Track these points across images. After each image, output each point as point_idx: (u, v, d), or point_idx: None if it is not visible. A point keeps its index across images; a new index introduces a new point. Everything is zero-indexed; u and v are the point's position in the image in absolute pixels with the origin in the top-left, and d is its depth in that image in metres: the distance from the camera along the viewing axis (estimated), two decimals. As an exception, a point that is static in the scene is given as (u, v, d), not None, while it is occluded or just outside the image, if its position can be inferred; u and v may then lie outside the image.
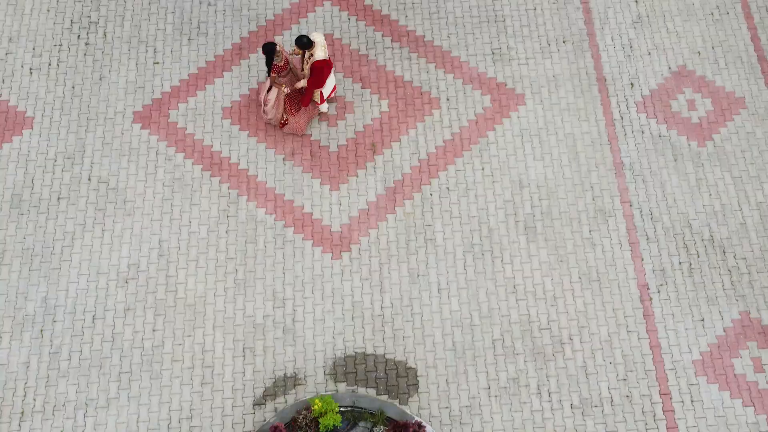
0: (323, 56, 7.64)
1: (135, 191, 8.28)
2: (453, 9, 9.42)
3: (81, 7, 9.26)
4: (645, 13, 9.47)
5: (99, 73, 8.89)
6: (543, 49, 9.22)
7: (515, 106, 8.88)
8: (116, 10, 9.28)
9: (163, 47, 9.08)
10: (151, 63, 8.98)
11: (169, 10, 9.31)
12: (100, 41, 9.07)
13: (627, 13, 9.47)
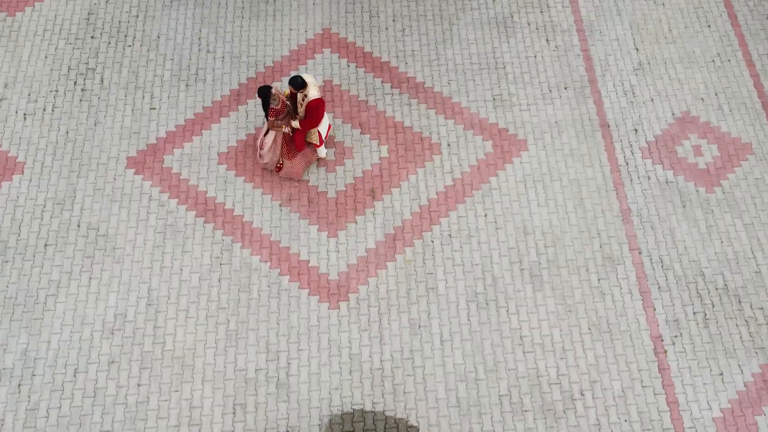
0: (317, 95, 7.51)
1: (125, 238, 7.99)
2: (453, 56, 9.38)
3: (79, 54, 9.22)
4: (646, 60, 9.42)
5: (94, 118, 8.74)
6: (544, 95, 9.12)
7: (517, 151, 8.70)
8: (115, 56, 9.23)
9: (160, 93, 8.97)
10: (147, 108, 8.85)
11: (167, 56, 9.26)
12: (96, 87, 8.97)
13: (628, 61, 9.42)
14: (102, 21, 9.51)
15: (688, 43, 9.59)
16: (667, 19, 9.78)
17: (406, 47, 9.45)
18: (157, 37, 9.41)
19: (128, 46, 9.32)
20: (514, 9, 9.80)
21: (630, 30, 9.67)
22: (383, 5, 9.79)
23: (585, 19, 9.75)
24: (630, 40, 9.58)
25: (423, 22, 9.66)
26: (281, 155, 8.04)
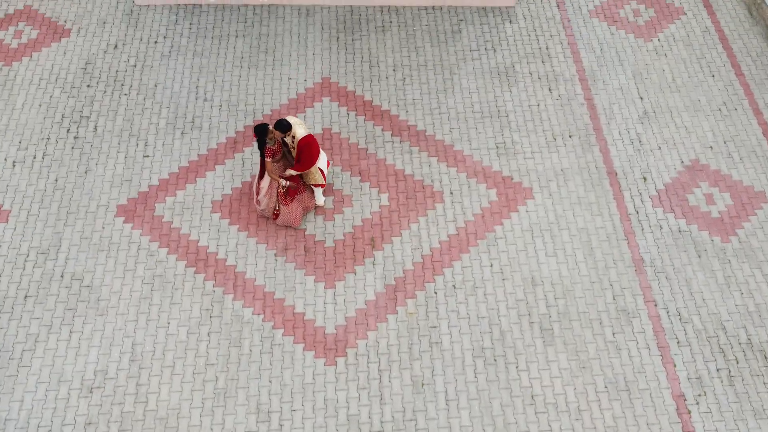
0: (305, 132, 7.24)
1: (110, 289, 7.54)
2: (454, 104, 9.21)
3: (74, 103, 9.05)
4: (651, 108, 9.25)
5: (85, 165, 8.48)
6: (549, 143, 8.89)
7: (523, 200, 8.38)
8: (110, 105, 9.06)
9: (154, 141, 8.75)
10: (140, 156, 8.60)
11: (164, 105, 9.09)
12: (90, 135, 8.76)
13: (633, 109, 9.25)
14: (99, 71, 9.41)
15: (693, 92, 9.45)
16: (670, 69, 9.69)
17: (406, 96, 9.31)
18: (154, 86, 9.28)
19: (124, 95, 9.17)
20: (515, 59, 9.73)
21: (633, 79, 9.56)
22: (383, 55, 9.72)
23: (587, 69, 9.66)
24: (634, 89, 9.45)
25: (423, 71, 9.56)
26: (278, 201, 7.71)
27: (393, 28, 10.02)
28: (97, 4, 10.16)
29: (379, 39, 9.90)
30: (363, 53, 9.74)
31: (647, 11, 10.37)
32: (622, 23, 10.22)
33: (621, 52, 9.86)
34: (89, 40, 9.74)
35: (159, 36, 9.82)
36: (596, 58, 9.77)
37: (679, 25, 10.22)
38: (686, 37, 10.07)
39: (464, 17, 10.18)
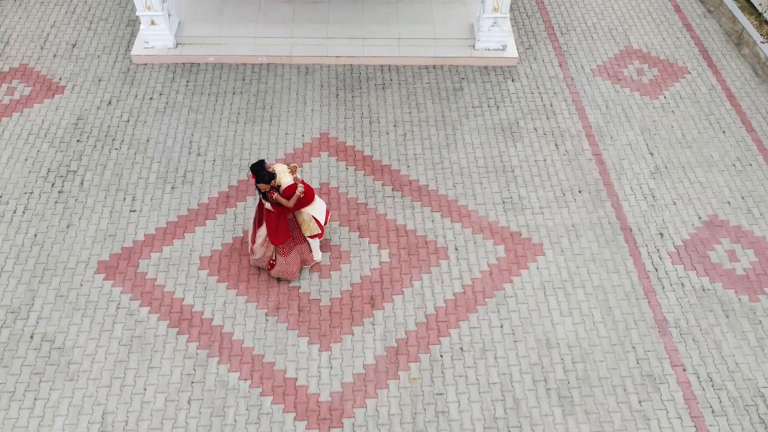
0: (291, 180, 6.73)
1: (83, 351, 6.86)
2: (458, 159, 8.86)
3: (62, 157, 8.70)
4: (662, 164, 8.89)
5: (68, 220, 7.99)
6: (558, 199, 8.45)
7: (533, 256, 7.83)
8: (99, 159, 8.70)
9: (142, 195, 8.31)
10: (126, 211, 8.13)
11: (155, 159, 8.73)
12: (75, 189, 8.33)
13: (643, 165, 8.88)
14: (91, 126, 9.12)
15: (705, 148, 9.12)
16: (679, 126, 9.41)
17: (407, 151, 8.97)
18: (146, 140, 8.96)
19: (114, 149, 8.83)
20: (519, 116, 9.47)
21: (641, 135, 9.26)
22: (383, 111, 9.47)
23: (593, 125, 9.38)
24: (643, 145, 9.12)
25: (425, 127, 9.27)
26: (276, 251, 7.17)
27: (393, 86, 9.84)
28: (93, 63, 10.03)
29: (380, 96, 9.69)
30: (363, 109, 9.50)
31: (651, 70, 10.24)
32: (626, 81, 10.05)
33: (627, 109, 9.62)
34: (83, 96, 9.52)
35: (155, 93, 9.61)
36: (602, 115, 9.52)
37: (684, 83, 10.05)
38: (692, 95, 9.87)
39: (465, 75, 10.03)
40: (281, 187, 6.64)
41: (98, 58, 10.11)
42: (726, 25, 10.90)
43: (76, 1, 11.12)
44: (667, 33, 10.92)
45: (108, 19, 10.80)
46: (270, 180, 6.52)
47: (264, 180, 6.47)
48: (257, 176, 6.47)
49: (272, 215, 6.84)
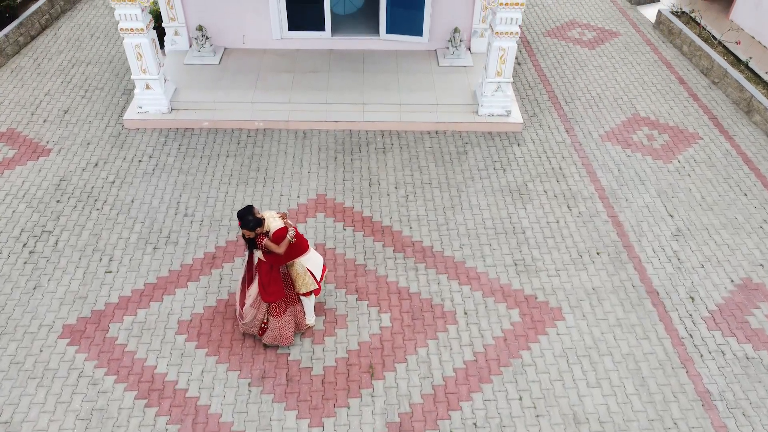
0: (281, 224, 6.06)
1: (34, 426, 5.86)
2: (464, 221, 8.24)
3: (38, 218, 8.09)
4: (684, 226, 8.26)
5: (35, 282, 7.23)
6: (574, 261, 7.74)
7: (551, 321, 7.00)
8: (78, 220, 8.09)
9: (121, 256, 7.61)
10: (102, 272, 7.40)
11: (138, 220, 8.11)
12: (48, 250, 7.64)
13: (664, 227, 8.25)
14: (73, 187, 8.59)
15: (728, 210, 8.54)
16: (697, 189, 8.88)
17: (410, 212, 8.37)
18: (131, 201, 8.39)
19: (96, 210, 8.24)
20: (527, 178, 8.97)
21: (659, 198, 8.70)
22: (384, 174, 8.99)
23: (606, 188, 8.85)
24: (661, 207, 8.54)
25: (428, 189, 8.74)
26: (267, 312, 6.36)
27: (394, 150, 9.43)
28: (84, 128, 9.69)
29: (380, 159, 9.25)
30: (362, 171, 9.02)
31: (661, 136, 9.88)
32: (637, 146, 9.66)
33: (640, 173, 9.14)
34: (68, 159, 9.08)
35: (144, 155, 9.18)
36: (615, 178, 9.02)
37: (697, 148, 9.65)
38: (707, 159, 9.43)
39: (469, 140, 9.65)
40: (270, 233, 5.97)
41: (89, 123, 9.78)
42: (733, 95, 10.69)
43: (73, 72, 11.00)
44: (674, 102, 10.69)
45: (104, 88, 10.61)
46: (255, 226, 5.85)
47: (248, 226, 5.80)
48: (242, 221, 5.81)
49: (264, 266, 6.11)
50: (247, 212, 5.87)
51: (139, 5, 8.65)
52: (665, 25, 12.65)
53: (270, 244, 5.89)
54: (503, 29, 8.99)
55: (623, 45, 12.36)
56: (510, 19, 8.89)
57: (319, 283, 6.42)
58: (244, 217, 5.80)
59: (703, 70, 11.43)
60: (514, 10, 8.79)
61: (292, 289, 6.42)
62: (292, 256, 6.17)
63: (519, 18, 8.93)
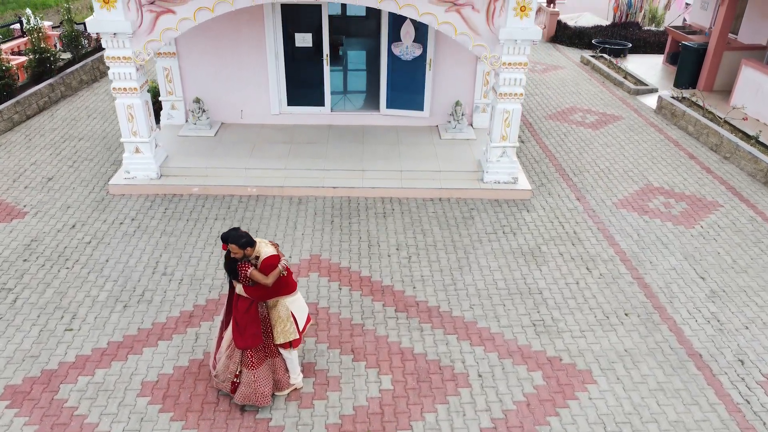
0: (273, 251, 5.26)
1: (-55, 503, 4.69)
2: (473, 282, 7.41)
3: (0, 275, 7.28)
4: (719, 288, 7.43)
5: (-17, 340, 6.28)
6: (601, 322, 6.81)
7: (581, 384, 5.96)
8: (44, 278, 7.27)
9: (86, 313, 6.71)
10: (62, 330, 6.46)
11: (110, 278, 7.29)
12: (4, 308, 6.75)
13: (696, 289, 7.41)
14: (45, 247, 7.86)
15: (764, 273, 7.74)
16: (726, 252, 8.15)
17: (413, 273, 7.56)
18: (105, 261, 7.62)
19: (65, 269, 7.45)
20: (540, 242, 8.26)
21: (686, 261, 7.94)
22: (384, 236, 8.29)
23: (627, 251, 8.12)
24: (690, 270, 7.75)
25: (433, 251, 8.00)
26: (240, 362, 5.37)
27: (396, 215, 8.80)
28: (66, 193, 9.14)
29: (380, 223, 8.60)
30: (361, 234, 8.33)
31: (678, 204, 9.31)
32: (655, 213, 9.04)
33: (662, 237, 8.45)
34: (44, 221, 8.43)
35: (126, 218, 8.53)
36: (635, 242, 8.31)
37: (719, 215, 9.04)
38: (732, 225, 8.78)
39: (475, 206, 9.06)
40: (260, 258, 5.17)
41: (72, 190, 9.25)
42: (747, 167, 10.27)
43: (64, 146, 10.68)
44: (687, 174, 10.25)
45: (93, 160, 10.21)
46: (247, 245, 5.07)
47: (239, 242, 5.03)
48: (231, 238, 5.05)
49: (242, 304, 5.24)
50: (235, 230, 5.13)
51: (134, 64, 8.45)
52: (667, 109, 12.57)
53: (257, 274, 5.07)
54: (507, 90, 8.73)
55: (627, 126, 12.18)
56: (513, 80, 8.66)
57: (300, 333, 5.51)
58: (233, 235, 5.05)
59: (712, 147, 11.12)
60: (517, 70, 8.59)
61: (272, 339, 5.49)
62: (279, 292, 5.32)
63: (523, 79, 8.70)
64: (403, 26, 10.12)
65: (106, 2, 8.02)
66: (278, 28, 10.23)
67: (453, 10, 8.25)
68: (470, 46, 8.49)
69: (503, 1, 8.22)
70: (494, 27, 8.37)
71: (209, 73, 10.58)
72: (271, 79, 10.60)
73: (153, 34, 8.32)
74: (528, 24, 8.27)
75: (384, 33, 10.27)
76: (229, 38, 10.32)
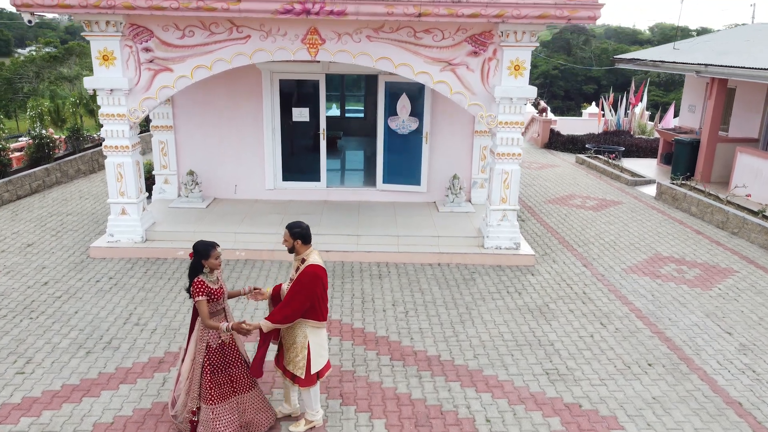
0: (320, 262, 4.71)
1: None
2: (477, 334, 6.72)
3: (-45, 326, 6.61)
4: (749, 342, 6.73)
5: None
6: (622, 371, 6.06)
7: (606, 430, 5.12)
8: (3, 327, 6.59)
9: (43, 359, 5.97)
10: (12, 374, 5.69)
11: (76, 327, 6.61)
12: (-48, 353, 6.04)
13: (724, 342, 6.71)
14: (10, 301, 7.25)
15: (795, 329, 7.06)
16: (751, 311, 7.52)
17: (410, 325, 6.89)
18: (74, 313, 6.97)
19: (29, 319, 6.79)
20: (548, 300, 7.66)
21: (708, 318, 7.29)
22: (380, 293, 7.70)
23: (643, 309, 7.49)
24: (714, 326, 7.08)
25: (432, 307, 7.37)
26: (198, 397, 4.61)
27: (392, 276, 8.26)
28: (44, 257, 8.65)
29: (375, 283, 8.03)
30: (354, 291, 7.74)
31: (691, 270, 8.79)
32: (668, 278, 8.50)
33: (678, 298, 7.85)
34: (16, 279, 7.87)
35: (104, 277, 7.98)
36: (650, 302, 7.70)
37: (737, 279, 8.49)
38: (752, 287, 8.21)
39: (476, 270, 8.54)
40: (305, 263, 4.64)
41: (51, 254, 8.78)
42: (758, 239, 9.87)
43: (50, 220, 10.36)
44: (697, 246, 9.83)
45: (78, 231, 9.83)
46: (299, 237, 4.68)
47: (293, 229, 4.67)
48: (196, 258, 4.56)
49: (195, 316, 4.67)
50: (206, 249, 4.64)
51: (128, 121, 8.39)
52: (668, 194, 12.42)
53: (204, 306, 4.52)
54: (504, 150, 8.59)
55: (628, 209, 11.95)
56: (511, 139, 8.55)
57: (313, 376, 4.81)
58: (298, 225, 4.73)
59: (719, 224, 10.80)
60: (514, 129, 8.51)
61: (243, 371, 4.79)
62: (307, 314, 4.71)
63: (520, 139, 8.60)
64: (400, 100, 10.25)
65: (105, 59, 8.12)
66: (276, 102, 10.35)
67: (448, 70, 8.34)
68: (466, 105, 8.49)
69: (497, 61, 8.34)
70: (489, 86, 8.42)
71: (205, 147, 10.54)
72: (267, 154, 10.54)
73: (149, 92, 8.33)
74: (522, 83, 8.32)
75: (381, 106, 10.37)
76: (228, 112, 10.41)
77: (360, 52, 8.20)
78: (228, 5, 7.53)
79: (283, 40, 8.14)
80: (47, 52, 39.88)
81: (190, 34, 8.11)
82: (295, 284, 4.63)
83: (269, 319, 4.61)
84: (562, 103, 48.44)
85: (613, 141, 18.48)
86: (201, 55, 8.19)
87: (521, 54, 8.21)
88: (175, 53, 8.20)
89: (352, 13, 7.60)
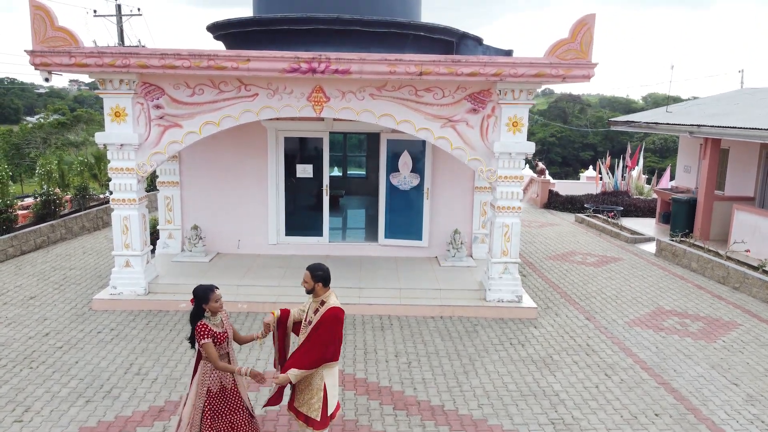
0: (339, 303, 4.74)
1: None
2: (480, 384, 6.65)
3: (-46, 375, 6.55)
4: (756, 393, 6.65)
5: None
6: (629, 421, 5.96)
7: (616, 479, 5.01)
8: (2, 376, 6.53)
9: (42, 407, 5.89)
10: (10, 422, 5.61)
11: (77, 377, 6.55)
12: (-50, 401, 5.96)
13: (731, 393, 6.63)
14: (11, 351, 7.21)
15: (802, 380, 6.99)
16: (757, 362, 7.46)
17: (413, 376, 6.82)
18: (75, 362, 6.92)
19: (29, 368, 6.74)
20: (552, 351, 7.61)
21: (713, 369, 7.22)
22: (382, 344, 7.65)
23: (648, 361, 7.43)
24: (720, 378, 7.01)
25: (435, 358, 7.32)
26: (201, 429, 4.56)
27: (394, 328, 8.23)
28: (45, 308, 8.65)
29: (377, 335, 8.00)
30: (357, 343, 7.70)
31: (695, 323, 8.76)
32: (671, 330, 8.47)
33: (683, 350, 7.80)
34: (17, 330, 7.85)
35: (106, 328, 7.96)
36: (654, 353, 7.65)
37: (741, 332, 8.46)
38: (756, 340, 8.17)
39: (478, 323, 8.51)
40: (325, 305, 4.69)
41: (53, 306, 8.78)
42: (760, 294, 9.88)
43: (54, 274, 10.40)
44: (699, 300, 9.83)
45: (81, 284, 9.86)
46: (320, 280, 4.81)
47: (315, 272, 4.79)
48: (312, 266, 4.74)
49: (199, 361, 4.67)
50: (204, 295, 4.70)
51: (136, 175, 8.59)
52: (668, 250, 12.51)
53: (210, 348, 4.57)
54: (504, 204, 8.75)
55: (629, 265, 12.00)
56: (511, 193, 8.72)
57: (328, 419, 4.79)
58: (315, 264, 4.85)
59: (720, 280, 10.83)
60: (514, 184, 8.70)
61: (241, 415, 4.76)
62: (329, 354, 4.72)
63: (519, 193, 8.78)
64: (401, 157, 10.51)
65: (117, 115, 8.40)
66: (280, 159, 10.61)
67: (448, 126, 8.61)
68: (466, 160, 8.71)
69: (496, 118, 8.62)
70: (488, 141, 8.67)
71: (210, 202, 10.72)
72: (271, 210, 10.71)
73: (159, 147, 8.57)
74: (521, 139, 8.57)
75: (383, 163, 10.62)
76: (233, 169, 10.65)
77: (363, 110, 8.50)
78: (238, 64, 7.87)
79: (289, 98, 8.45)
80: (55, 119, 40.89)
81: (200, 92, 8.43)
82: (320, 329, 4.67)
83: (297, 367, 4.62)
84: (559, 169, 49.22)
85: (611, 201, 18.73)
86: (210, 112, 8.48)
87: (519, 111, 8.50)
88: (185, 110, 8.49)
89: (356, 72, 7.93)
